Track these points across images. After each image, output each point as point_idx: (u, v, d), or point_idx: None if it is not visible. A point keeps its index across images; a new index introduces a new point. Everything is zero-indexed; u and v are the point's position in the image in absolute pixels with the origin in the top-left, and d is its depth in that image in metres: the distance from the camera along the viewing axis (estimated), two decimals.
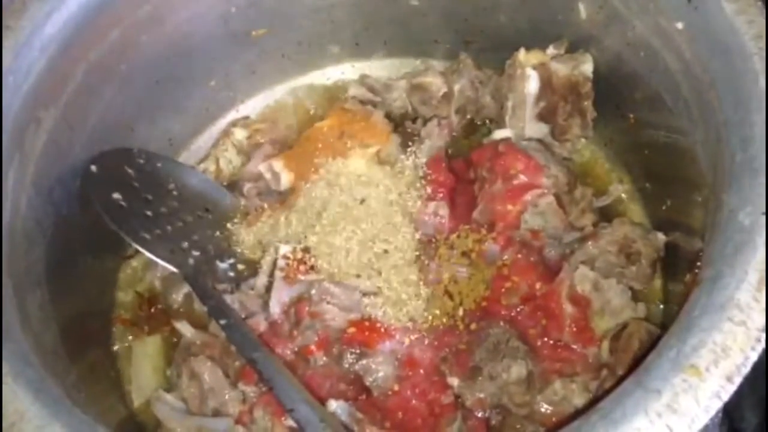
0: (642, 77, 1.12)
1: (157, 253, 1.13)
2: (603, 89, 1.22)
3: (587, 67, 1.21)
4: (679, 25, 0.99)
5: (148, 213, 1.17)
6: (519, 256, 1.13)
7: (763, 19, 0.91)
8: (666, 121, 1.09)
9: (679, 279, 1.09)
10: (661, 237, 1.12)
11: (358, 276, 1.13)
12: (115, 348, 1.20)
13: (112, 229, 1.12)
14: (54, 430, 0.76)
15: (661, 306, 1.13)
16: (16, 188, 1.00)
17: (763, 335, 0.72)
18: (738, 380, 0.71)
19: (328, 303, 1.10)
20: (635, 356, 0.98)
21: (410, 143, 1.29)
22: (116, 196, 1.14)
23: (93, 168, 1.14)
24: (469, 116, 1.35)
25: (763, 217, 0.78)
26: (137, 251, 1.19)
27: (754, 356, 0.71)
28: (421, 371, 1.07)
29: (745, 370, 0.71)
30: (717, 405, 0.70)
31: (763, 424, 1.32)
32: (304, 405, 0.93)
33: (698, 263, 0.88)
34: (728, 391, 0.70)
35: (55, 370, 0.92)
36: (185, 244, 1.17)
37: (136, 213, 1.15)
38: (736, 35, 0.91)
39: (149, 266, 1.25)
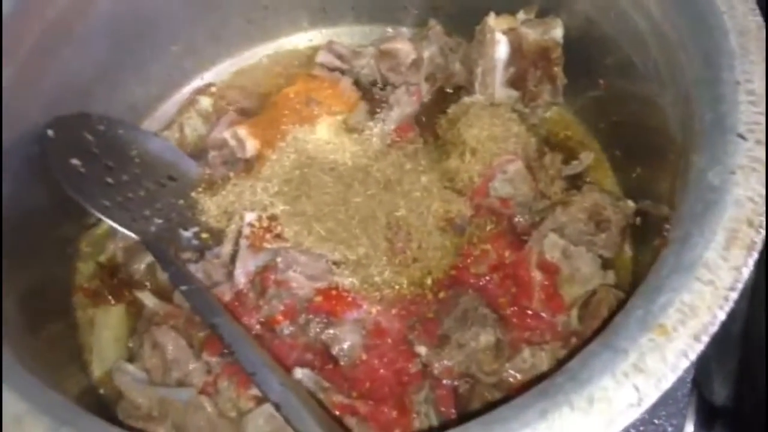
0: (612, 40, 1.11)
1: (117, 221, 1.10)
2: (574, 55, 1.20)
3: (557, 32, 1.19)
4: None
5: (109, 180, 1.14)
6: (488, 224, 1.12)
7: None
8: (636, 84, 1.08)
9: (648, 246, 1.08)
10: (630, 204, 1.12)
11: (326, 244, 1.11)
12: (77, 318, 1.17)
13: (73, 197, 1.09)
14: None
15: (631, 274, 1.12)
16: None
17: (732, 294, 0.71)
18: (705, 339, 0.70)
19: (294, 271, 1.07)
20: (604, 323, 0.97)
21: (378, 110, 1.27)
22: (75, 162, 1.11)
23: (49, 132, 1.10)
24: (438, 83, 1.33)
25: (732, 176, 0.77)
26: (99, 220, 1.15)
27: (721, 315, 0.71)
28: (389, 340, 1.05)
29: (713, 329, 0.70)
30: (684, 364, 0.69)
31: (732, 396, 1.33)
32: (266, 369, 0.91)
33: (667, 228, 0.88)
34: (696, 349, 0.69)
35: (12, 337, 0.89)
36: (147, 212, 1.14)
37: (96, 180, 1.12)
38: None
39: (111, 235, 1.21)
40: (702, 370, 1.31)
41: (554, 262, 1.06)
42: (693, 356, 0.69)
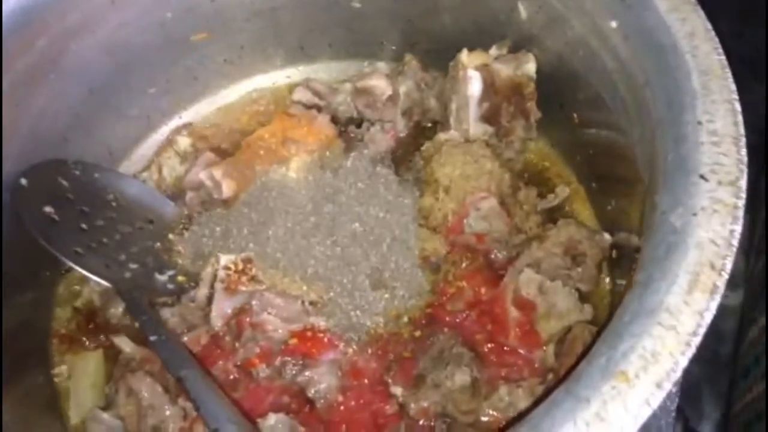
0: (582, 77, 1.11)
1: (89, 268, 1.09)
2: (547, 89, 1.20)
3: (530, 67, 1.19)
4: (614, 24, 0.98)
5: (83, 226, 1.14)
6: (464, 260, 1.12)
7: (696, 16, 0.91)
8: (607, 119, 1.08)
9: (625, 278, 1.08)
10: (606, 237, 1.11)
11: (301, 285, 1.11)
12: (54, 364, 1.16)
13: (44, 246, 1.08)
14: None
15: (609, 306, 1.12)
16: None
17: (694, 339, 0.71)
18: (668, 386, 0.69)
19: (269, 314, 1.07)
20: (578, 360, 0.96)
21: (354, 148, 1.27)
22: (48, 209, 1.11)
23: (23, 181, 1.10)
24: (415, 118, 1.33)
25: (694, 218, 0.76)
26: None
27: (683, 361, 0.70)
28: (365, 381, 1.05)
29: (675, 375, 0.69)
30: (646, 412, 0.68)
31: (723, 420, 1.31)
32: (231, 425, 0.90)
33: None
34: (658, 397, 0.68)
35: None
36: (122, 257, 1.14)
37: (69, 227, 1.12)
38: (668, 33, 0.90)
39: (87, 280, 1.20)
40: (691, 393, 1.29)
41: (530, 298, 1.05)
42: (655, 404, 0.68)
